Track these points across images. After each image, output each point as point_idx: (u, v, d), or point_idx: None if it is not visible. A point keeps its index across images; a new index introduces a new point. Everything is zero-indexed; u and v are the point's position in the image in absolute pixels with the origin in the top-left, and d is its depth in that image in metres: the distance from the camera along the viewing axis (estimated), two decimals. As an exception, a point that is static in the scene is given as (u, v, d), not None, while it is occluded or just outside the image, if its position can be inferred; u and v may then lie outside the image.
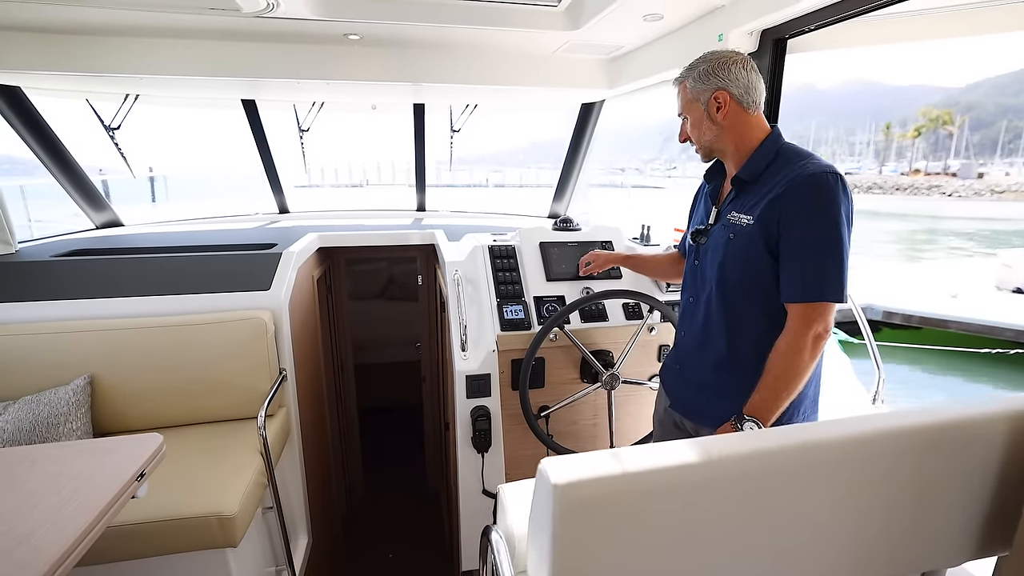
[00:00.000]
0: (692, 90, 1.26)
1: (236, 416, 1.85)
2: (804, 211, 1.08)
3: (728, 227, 1.23)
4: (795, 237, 1.10)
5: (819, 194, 1.07)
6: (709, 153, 1.30)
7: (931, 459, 0.82)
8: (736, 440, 0.74)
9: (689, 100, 1.27)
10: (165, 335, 1.77)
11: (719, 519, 0.71)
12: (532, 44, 2.29)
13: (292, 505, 2.04)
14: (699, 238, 1.33)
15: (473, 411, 1.79)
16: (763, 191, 1.17)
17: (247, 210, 3.55)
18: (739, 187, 1.24)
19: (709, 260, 1.29)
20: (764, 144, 1.21)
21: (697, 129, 1.28)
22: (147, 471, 1.15)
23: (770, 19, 1.61)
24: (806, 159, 1.15)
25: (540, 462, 0.68)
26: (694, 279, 1.36)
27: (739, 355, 1.25)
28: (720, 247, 1.24)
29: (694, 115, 1.27)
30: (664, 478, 0.68)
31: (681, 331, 1.42)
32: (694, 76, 1.25)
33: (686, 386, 1.39)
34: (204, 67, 2.25)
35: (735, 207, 1.23)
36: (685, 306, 1.41)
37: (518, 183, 31.95)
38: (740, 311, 1.23)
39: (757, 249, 1.16)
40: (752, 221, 1.16)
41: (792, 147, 1.21)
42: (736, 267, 1.21)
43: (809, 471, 0.75)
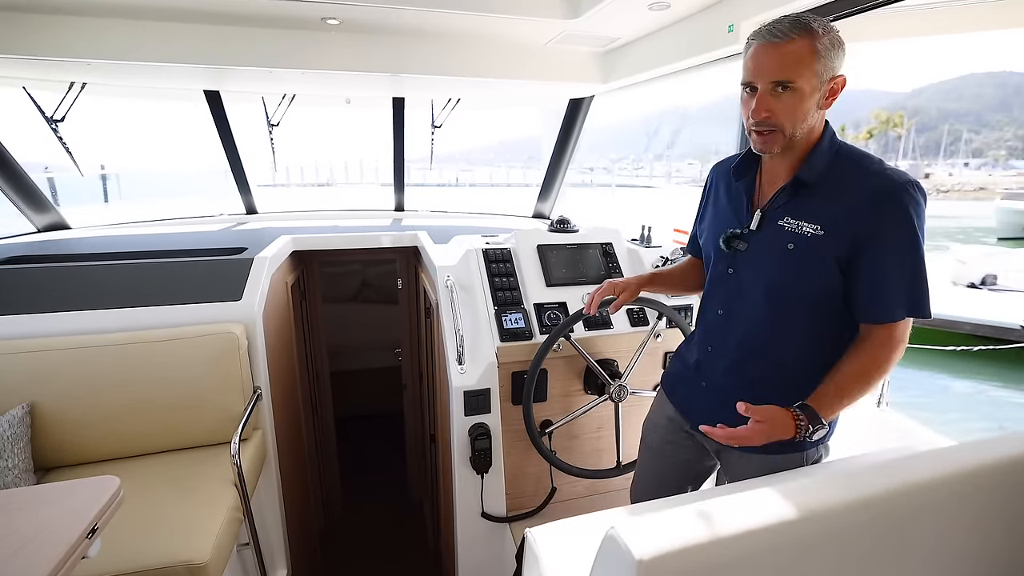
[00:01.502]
0: (822, 57, 0.94)
1: (206, 442, 1.65)
2: (894, 225, 0.96)
3: (783, 235, 1.04)
4: (883, 252, 0.97)
5: (906, 207, 0.95)
6: (786, 145, 1.01)
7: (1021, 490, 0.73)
8: (835, 486, 0.63)
9: (811, 69, 0.94)
10: (120, 354, 1.56)
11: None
12: (524, 34, 2.15)
13: (270, 538, 1.85)
14: (736, 244, 1.13)
15: (472, 429, 1.65)
16: (830, 197, 1.01)
17: (211, 211, 3.29)
18: (796, 190, 1.05)
19: (754, 270, 1.11)
20: (823, 141, 1.04)
21: (802, 110, 0.97)
22: (100, 524, 0.96)
23: (784, 9, 1.53)
24: (876, 164, 1.01)
25: (612, 528, 0.55)
26: (726, 290, 1.18)
27: (790, 376, 1.11)
28: (773, 257, 1.07)
29: (808, 90, 0.96)
30: (761, 540, 0.56)
31: (706, 346, 1.24)
32: (829, 39, 0.95)
33: (718, 407, 1.19)
34: (161, 53, 2.02)
35: (790, 212, 1.05)
36: (713, 319, 1.22)
37: (488, 182, 31.86)
38: (794, 328, 1.09)
39: (827, 262, 1.00)
40: (821, 231, 1.00)
41: (849, 147, 1.05)
42: (797, 279, 1.05)
43: (908, 515, 0.65)
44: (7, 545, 0.83)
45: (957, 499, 0.68)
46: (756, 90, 0.99)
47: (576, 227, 2.06)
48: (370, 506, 3.15)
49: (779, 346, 1.11)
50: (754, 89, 1.00)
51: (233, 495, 1.47)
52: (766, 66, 0.96)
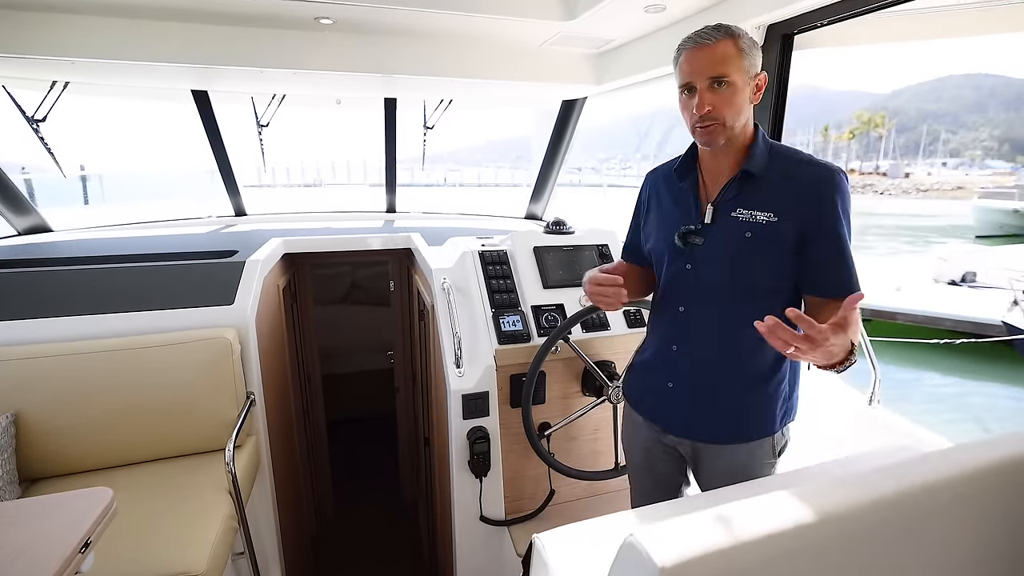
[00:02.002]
0: (747, 55, 1.06)
1: (199, 450, 1.62)
2: (835, 208, 1.06)
3: (739, 225, 1.11)
4: (835, 234, 1.07)
5: (844, 192, 1.08)
6: (730, 137, 1.09)
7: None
8: (849, 488, 0.63)
9: (739, 66, 1.05)
10: (110, 361, 1.52)
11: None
12: (519, 35, 2.14)
13: (264, 546, 1.83)
14: (692, 239, 1.17)
15: (470, 433, 1.64)
16: (774, 187, 1.10)
17: (198, 213, 3.23)
18: (744, 182, 1.12)
19: (714, 262, 1.16)
20: (758, 137, 1.14)
21: (739, 104, 1.06)
22: (93, 539, 0.93)
23: (779, 14, 1.54)
24: (805, 156, 1.13)
25: (631, 535, 0.55)
26: (686, 286, 1.20)
27: (756, 361, 1.16)
28: (732, 247, 1.12)
29: (740, 85, 1.05)
30: (780, 544, 0.56)
31: (671, 345, 1.25)
32: (747, 40, 1.07)
33: (690, 405, 1.23)
34: (147, 51, 1.98)
35: (741, 204, 1.12)
36: (674, 318, 1.24)
37: (476, 182, 31.77)
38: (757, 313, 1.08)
39: (784, 247, 1.08)
40: (775, 218, 1.08)
41: (776, 142, 1.17)
42: (758, 267, 1.12)
43: (927, 514, 0.65)
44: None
45: (964, 499, 0.69)
46: (694, 91, 1.08)
47: (572, 229, 2.06)
48: (362, 510, 3.12)
49: (744, 333, 1.13)
50: (692, 90, 1.09)
51: (228, 503, 1.44)
52: (701, 65, 1.06)
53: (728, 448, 1.20)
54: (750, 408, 1.19)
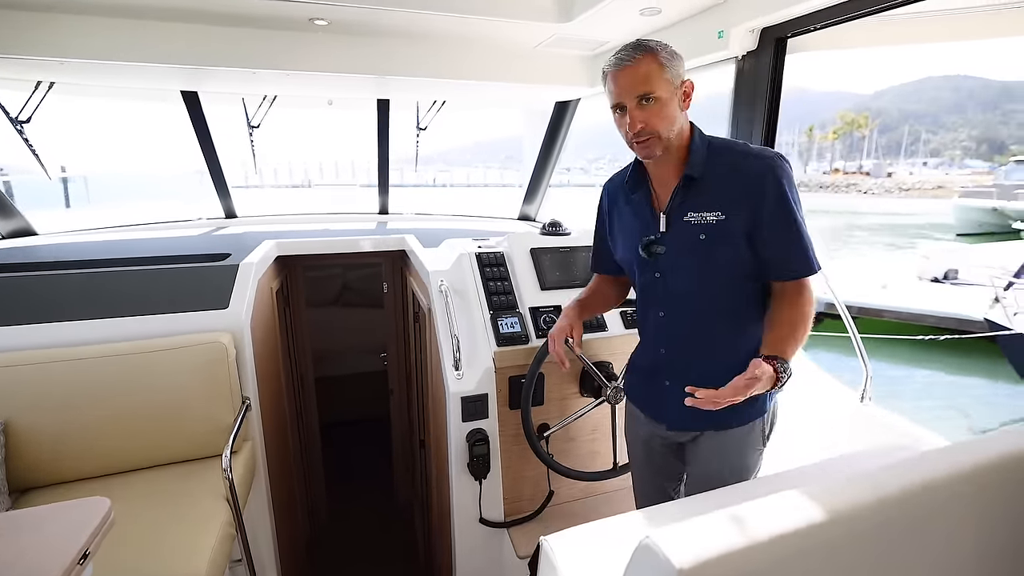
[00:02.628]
0: (668, 68, 1.09)
1: (195, 456, 1.60)
2: (779, 194, 1.10)
3: (692, 229, 1.15)
4: (780, 219, 1.10)
5: (784, 176, 1.11)
6: (666, 147, 1.13)
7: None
8: (857, 488, 0.64)
9: (663, 79, 1.09)
10: (102, 367, 1.49)
11: None
12: (514, 37, 2.15)
13: (261, 552, 1.81)
14: (655, 249, 1.22)
15: (470, 435, 1.64)
16: (717, 185, 1.14)
17: (188, 215, 3.18)
18: (687, 186, 1.16)
19: (677, 268, 1.21)
20: (695, 138, 1.18)
21: (669, 116, 1.11)
22: (91, 549, 0.92)
23: (773, 17, 1.56)
24: (743, 146, 1.16)
25: (648, 537, 0.55)
26: (659, 293, 1.26)
27: (736, 349, 1.21)
28: (691, 251, 1.17)
29: (667, 97, 1.10)
30: (793, 543, 0.57)
31: (659, 348, 1.31)
32: (666, 53, 1.11)
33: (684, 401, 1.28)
34: (136, 52, 1.95)
35: (690, 207, 1.16)
36: (656, 322, 1.29)
37: (466, 182, 31.67)
38: (728, 307, 1.21)
39: (737, 241, 1.12)
40: (723, 216, 1.12)
41: (716, 138, 1.20)
42: (717, 263, 1.16)
43: (928, 512, 0.66)
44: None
45: (966, 496, 0.70)
46: (625, 110, 1.12)
47: (568, 230, 2.06)
48: (357, 513, 3.10)
49: (720, 328, 1.21)
50: (623, 109, 1.13)
51: (225, 510, 1.43)
52: (627, 86, 1.10)
53: (720, 435, 1.26)
54: None
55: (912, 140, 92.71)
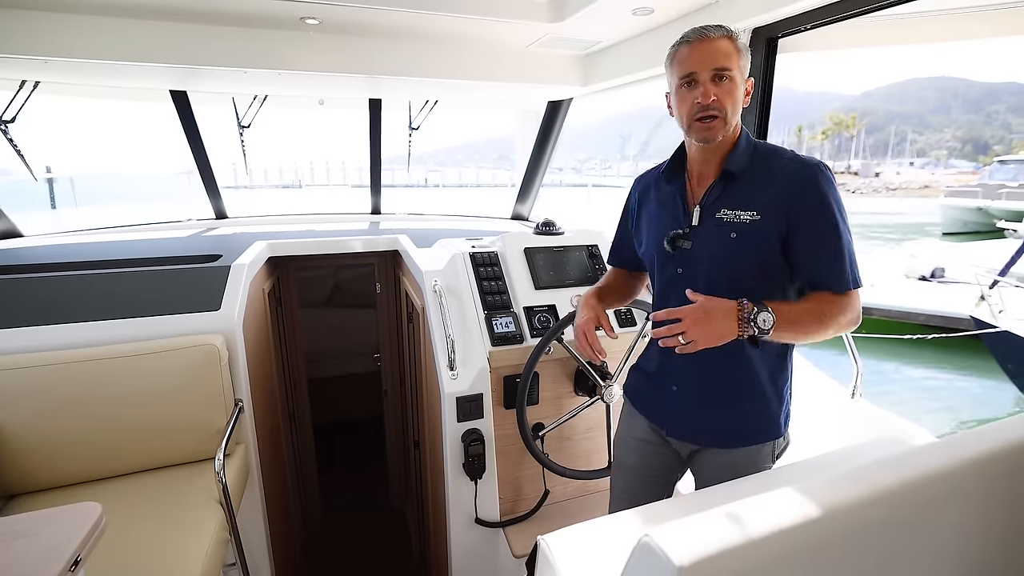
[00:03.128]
0: (743, 55, 1.09)
1: (187, 459, 1.58)
2: (823, 202, 1.06)
3: (724, 226, 1.11)
4: (822, 228, 1.06)
5: (828, 185, 1.07)
6: (727, 131, 1.10)
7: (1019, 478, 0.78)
8: (849, 483, 0.65)
9: (738, 63, 1.08)
10: (93, 370, 1.47)
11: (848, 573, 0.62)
12: (506, 37, 2.15)
13: (255, 555, 1.79)
14: (680, 243, 1.17)
15: (465, 435, 1.64)
16: (756, 185, 1.10)
17: (178, 216, 3.15)
18: (727, 182, 1.13)
19: (703, 264, 1.16)
20: (742, 137, 1.15)
21: (737, 98, 1.08)
22: (83, 556, 0.90)
23: (764, 18, 1.58)
24: (789, 152, 1.13)
25: (647, 535, 0.55)
26: (680, 290, 1.17)
27: (763, 363, 1.17)
28: (719, 249, 1.13)
29: (739, 80, 1.08)
30: (789, 540, 0.57)
31: (671, 349, 1.24)
32: (742, 43, 1.10)
33: (692, 407, 1.23)
34: (125, 51, 1.92)
35: (725, 204, 1.12)
36: (670, 322, 1.24)
37: (458, 182, 31.63)
38: None
39: (771, 245, 1.08)
40: (758, 216, 1.08)
41: (761, 141, 1.18)
42: (746, 266, 1.11)
43: (917, 509, 0.67)
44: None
45: (960, 489, 0.71)
46: (695, 84, 1.08)
47: (561, 229, 2.07)
48: (351, 514, 3.09)
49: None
50: (693, 83, 1.08)
51: (218, 514, 1.41)
52: (706, 57, 1.06)
53: (728, 451, 1.21)
54: (753, 412, 1.19)
55: (899, 140, 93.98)
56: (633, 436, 1.38)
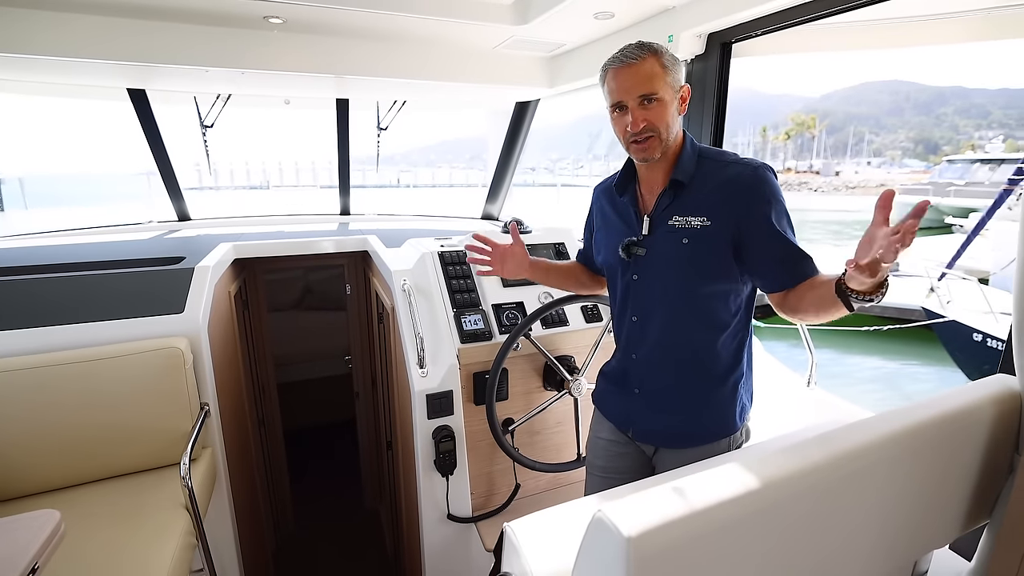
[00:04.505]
0: (670, 70, 1.09)
1: (152, 465, 1.55)
2: (768, 204, 1.09)
3: (676, 232, 1.14)
4: (770, 230, 1.09)
5: (773, 187, 1.10)
6: (666, 149, 1.13)
7: (932, 450, 0.85)
8: (785, 457, 0.70)
9: (665, 82, 1.08)
10: (51, 376, 1.43)
11: (775, 542, 0.67)
12: (471, 38, 2.17)
13: (223, 560, 1.77)
14: (635, 250, 1.20)
15: (436, 432, 1.65)
16: (704, 191, 1.13)
17: (139, 218, 3.06)
18: (675, 190, 1.15)
19: (657, 270, 1.19)
20: (686, 145, 1.18)
21: (670, 117, 1.10)
22: (40, 563, 0.89)
23: (718, 23, 1.64)
24: (733, 156, 1.15)
25: (600, 510, 0.59)
26: (636, 296, 1.24)
27: (718, 362, 1.20)
28: (672, 255, 1.15)
29: (668, 99, 1.09)
30: (730, 510, 0.62)
31: (630, 354, 1.28)
32: (668, 57, 1.10)
33: (655, 410, 1.27)
34: (77, 47, 1.87)
35: (675, 211, 1.15)
36: (630, 328, 1.27)
37: (431, 183, 31.38)
38: (706, 315, 1.18)
39: (722, 248, 1.11)
40: (708, 221, 1.11)
41: (707, 147, 1.20)
42: (699, 270, 1.14)
43: (839, 480, 0.74)
44: (-61, 592, 0.76)
45: (883, 460, 0.78)
46: (625, 109, 1.11)
47: (529, 228, 2.10)
48: (324, 518, 3.06)
49: (697, 336, 1.19)
50: (623, 108, 1.11)
51: (185, 519, 1.39)
52: (630, 85, 1.08)
53: (689, 450, 1.24)
54: (711, 410, 1.22)
55: (856, 141, 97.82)
56: (602, 438, 1.40)
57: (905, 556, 0.92)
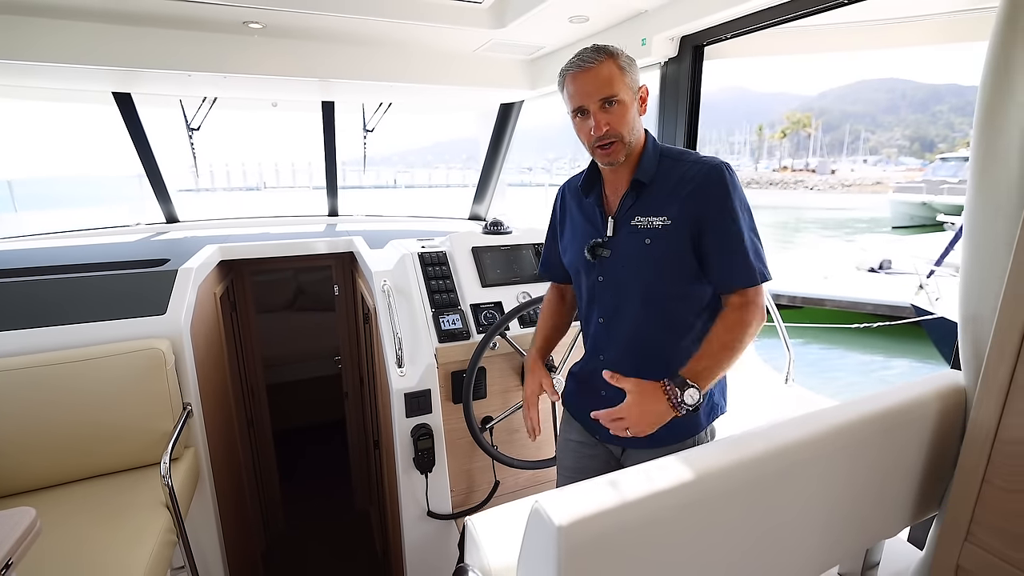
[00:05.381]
0: (628, 73, 1.09)
1: (135, 464, 1.58)
2: (722, 202, 1.09)
3: (639, 233, 1.14)
4: (722, 229, 1.09)
5: (728, 185, 1.10)
6: (628, 152, 1.14)
7: (877, 443, 0.88)
8: (719, 452, 0.73)
9: (624, 84, 1.08)
10: (29, 378, 1.45)
11: (709, 534, 0.70)
12: (452, 42, 2.20)
13: (206, 558, 1.79)
14: (599, 252, 1.20)
15: (414, 430, 1.68)
16: (665, 191, 1.13)
17: (127, 220, 3.07)
18: (637, 191, 1.16)
19: (622, 272, 1.18)
20: (648, 146, 1.17)
21: (630, 120, 1.10)
22: (15, 559, 0.91)
23: (689, 27, 1.67)
24: (694, 155, 1.16)
25: (537, 500, 0.62)
26: (602, 298, 1.23)
27: (674, 363, 1.15)
28: (636, 255, 1.15)
29: (628, 101, 1.10)
30: (662, 502, 0.65)
31: (598, 356, 1.27)
32: (625, 58, 1.10)
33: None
34: (60, 53, 1.89)
35: (638, 212, 1.15)
36: (596, 329, 1.26)
37: (427, 183, 31.37)
38: (672, 316, 1.18)
39: (684, 248, 1.11)
40: (669, 221, 1.11)
41: (668, 147, 1.20)
42: (661, 269, 1.14)
43: (779, 473, 0.76)
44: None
45: (826, 455, 0.81)
46: (587, 113, 1.11)
47: (509, 228, 2.13)
48: (314, 518, 3.08)
49: (663, 337, 1.18)
50: (584, 112, 1.11)
51: (165, 517, 1.42)
52: (591, 88, 1.08)
53: (654, 450, 1.22)
54: None
55: (853, 139, 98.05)
56: (571, 439, 1.40)
57: (854, 546, 0.95)
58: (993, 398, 0.82)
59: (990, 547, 0.84)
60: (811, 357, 8.50)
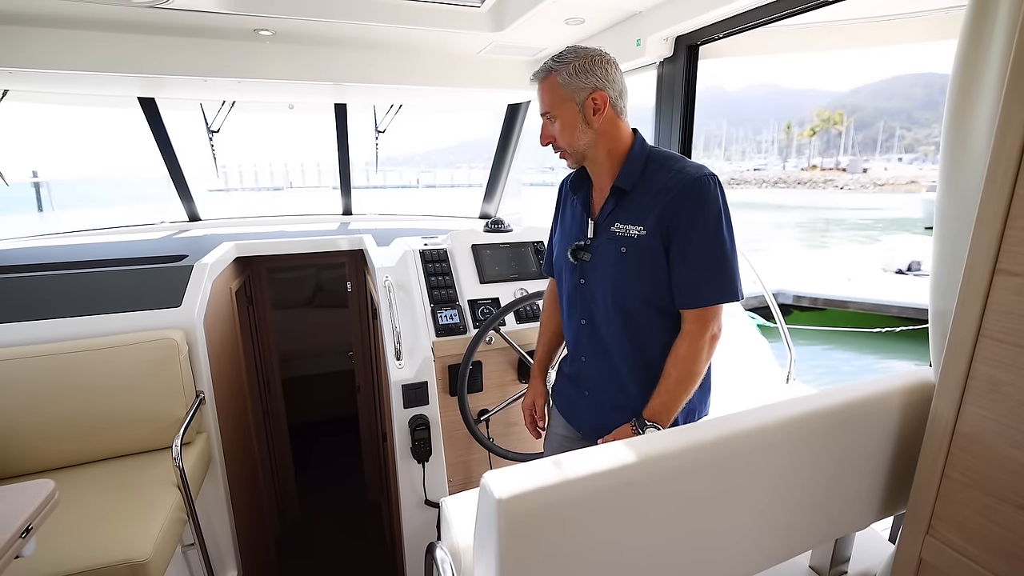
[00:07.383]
0: (566, 87, 1.11)
1: (148, 448, 1.68)
2: (691, 216, 1.06)
3: (616, 240, 1.14)
4: (684, 243, 1.07)
5: (701, 198, 1.06)
6: (580, 159, 1.18)
7: (840, 435, 0.90)
8: (667, 438, 0.76)
9: (561, 98, 1.12)
10: (53, 365, 1.57)
11: (656, 515, 0.74)
12: (456, 45, 2.26)
13: (217, 538, 1.89)
14: (581, 255, 1.20)
15: (411, 421, 1.74)
16: (646, 199, 1.11)
17: (152, 219, 3.23)
18: (618, 197, 1.15)
19: (599, 277, 1.18)
20: (633, 150, 1.15)
21: (569, 132, 1.13)
22: (34, 525, 1.00)
23: (683, 26, 1.69)
24: (680, 162, 1.12)
25: (483, 476, 0.67)
26: (583, 299, 1.24)
27: (655, 367, 1.18)
28: (611, 262, 1.15)
29: (566, 115, 1.13)
30: (604, 481, 0.69)
31: (580, 356, 1.29)
32: (568, 71, 1.11)
33: (603, 412, 1.26)
34: (88, 62, 2.02)
35: (617, 218, 1.14)
36: (578, 330, 1.27)
37: (449, 183, 31.67)
38: (645, 323, 1.16)
39: (656, 258, 1.10)
40: (644, 231, 1.09)
41: (659, 151, 1.17)
42: (636, 279, 1.13)
43: (733, 459, 0.79)
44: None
45: (785, 444, 0.83)
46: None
47: (510, 227, 2.18)
48: (328, 508, 3.18)
49: (641, 344, 1.18)
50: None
51: (176, 496, 1.51)
52: (538, 101, 1.18)
53: None
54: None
55: (887, 136, 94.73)
56: (557, 433, 1.43)
57: (820, 535, 0.97)
58: (951, 392, 0.83)
59: (949, 541, 0.85)
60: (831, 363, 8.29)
